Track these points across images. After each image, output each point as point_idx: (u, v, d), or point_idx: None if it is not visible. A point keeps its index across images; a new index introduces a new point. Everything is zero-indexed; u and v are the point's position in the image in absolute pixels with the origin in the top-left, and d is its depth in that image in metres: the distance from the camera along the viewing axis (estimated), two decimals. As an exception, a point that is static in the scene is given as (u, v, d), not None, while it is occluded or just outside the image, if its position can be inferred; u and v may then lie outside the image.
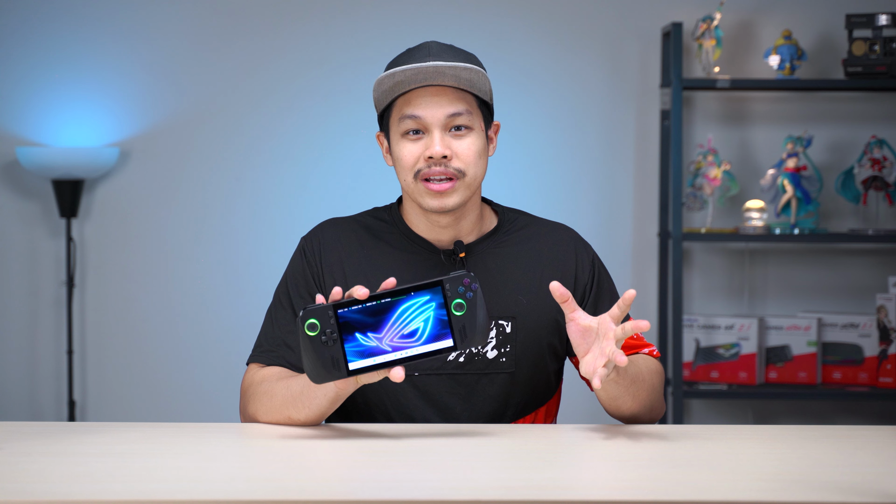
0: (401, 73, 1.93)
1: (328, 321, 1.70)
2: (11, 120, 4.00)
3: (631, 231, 4.02)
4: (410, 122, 1.95)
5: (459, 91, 1.96)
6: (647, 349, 2.03)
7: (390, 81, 1.95)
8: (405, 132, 1.97)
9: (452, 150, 1.95)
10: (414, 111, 1.95)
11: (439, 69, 1.92)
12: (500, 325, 2.01)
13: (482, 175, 2.00)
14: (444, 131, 1.95)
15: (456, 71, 1.93)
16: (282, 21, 4.00)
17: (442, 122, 1.95)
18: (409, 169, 1.97)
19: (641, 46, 3.99)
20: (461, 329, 1.72)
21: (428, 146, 1.95)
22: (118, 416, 4.00)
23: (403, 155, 1.97)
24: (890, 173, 3.81)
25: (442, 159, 1.94)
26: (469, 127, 1.96)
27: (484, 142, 1.99)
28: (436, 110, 1.94)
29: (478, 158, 1.97)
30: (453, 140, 1.96)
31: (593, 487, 1.52)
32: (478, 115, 1.98)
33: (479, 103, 1.99)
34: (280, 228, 3.99)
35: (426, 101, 1.95)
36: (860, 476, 1.58)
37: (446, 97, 1.95)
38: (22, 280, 4.04)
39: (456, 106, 1.95)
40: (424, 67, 1.92)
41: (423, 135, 1.96)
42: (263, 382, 1.93)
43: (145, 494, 1.45)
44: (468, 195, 1.98)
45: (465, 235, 2.04)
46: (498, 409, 2.01)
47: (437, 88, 1.95)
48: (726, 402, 4.03)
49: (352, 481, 1.57)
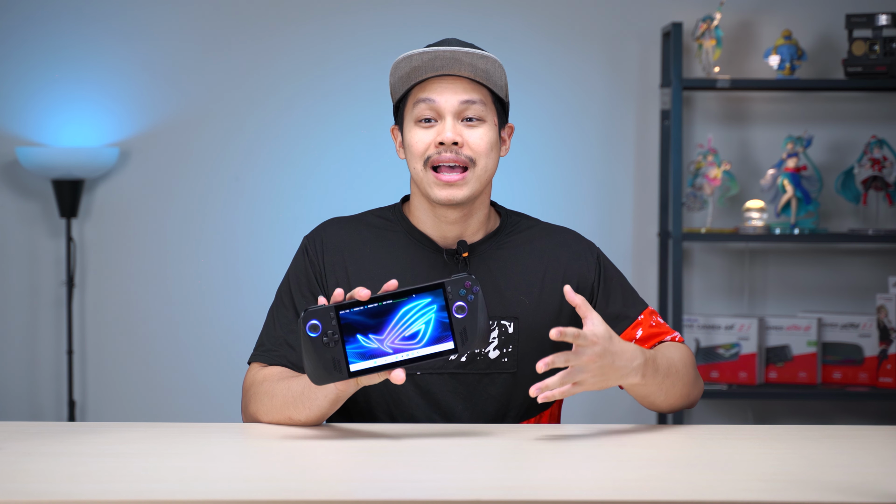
0: (418, 56, 1.94)
1: (329, 322, 1.70)
2: (11, 120, 4.00)
3: (631, 231, 4.02)
4: (424, 106, 1.96)
5: (475, 83, 1.97)
6: (669, 336, 2.02)
7: (407, 66, 1.96)
8: (418, 119, 1.97)
9: (464, 139, 1.96)
10: (429, 95, 1.95)
11: (456, 55, 1.94)
12: (502, 326, 2.01)
13: (493, 169, 1.99)
14: (457, 120, 1.96)
15: (473, 59, 1.95)
16: (282, 21, 4.00)
17: (455, 108, 1.95)
18: (419, 156, 1.97)
19: (641, 46, 3.99)
20: (462, 332, 1.73)
21: (440, 132, 1.96)
22: (118, 416, 4.00)
23: (414, 142, 1.98)
24: (890, 173, 3.81)
25: (453, 146, 1.95)
26: (482, 119, 1.97)
27: (496, 136, 2.00)
28: (450, 96, 1.95)
29: (489, 150, 1.98)
30: (465, 129, 1.96)
31: (593, 487, 1.52)
32: (491, 109, 1.99)
33: (494, 99, 2.00)
34: (280, 228, 3.99)
35: (441, 87, 1.96)
36: (860, 476, 1.58)
37: (461, 85, 1.96)
38: (22, 280, 4.04)
39: (470, 94, 1.96)
40: (442, 52, 1.94)
41: (436, 123, 1.97)
42: (264, 382, 1.93)
43: (145, 494, 1.45)
44: (478, 189, 1.98)
45: (470, 235, 2.04)
46: (500, 409, 2.01)
47: (453, 78, 1.96)
48: (726, 402, 4.03)
49: (352, 481, 1.57)
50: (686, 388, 1.94)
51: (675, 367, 1.92)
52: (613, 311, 2.04)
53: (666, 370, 1.89)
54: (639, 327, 2.03)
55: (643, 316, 2.04)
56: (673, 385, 1.91)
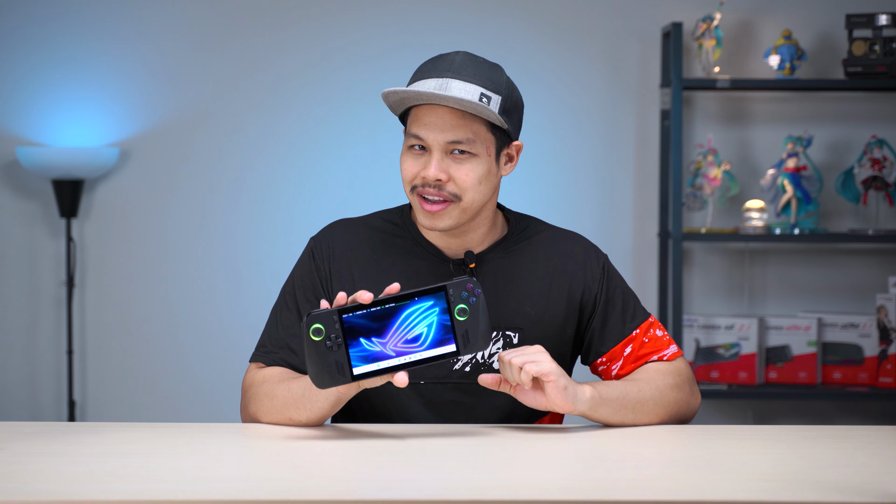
0: (402, 92, 1.92)
1: (333, 326, 1.70)
2: (11, 120, 4.00)
3: (631, 231, 4.02)
4: (414, 139, 1.95)
5: (467, 115, 1.93)
6: (657, 356, 2.02)
7: (395, 97, 1.94)
8: (410, 146, 1.96)
9: (450, 174, 1.94)
10: (418, 131, 1.94)
11: (440, 96, 1.89)
12: (507, 336, 2.01)
13: (484, 199, 1.97)
14: (446, 154, 1.94)
15: (462, 94, 1.90)
16: (282, 21, 4.00)
17: (442, 145, 1.93)
18: (407, 182, 1.97)
19: (641, 46, 3.99)
20: (464, 334, 1.73)
21: (426, 165, 1.94)
22: (118, 416, 4.00)
23: (404, 168, 1.97)
24: (890, 173, 3.80)
25: (437, 181, 1.94)
26: (471, 153, 1.94)
27: (488, 167, 1.95)
28: (437, 134, 1.93)
29: (477, 184, 1.94)
30: (453, 163, 1.94)
31: (593, 487, 1.52)
32: (484, 139, 1.94)
33: (489, 127, 1.95)
34: (280, 228, 3.99)
35: (431, 122, 1.93)
36: (860, 476, 1.58)
37: (450, 120, 1.92)
38: (22, 280, 4.04)
39: (457, 133, 1.92)
40: (426, 94, 1.90)
41: (426, 153, 1.95)
42: (264, 383, 1.93)
43: (145, 494, 1.45)
44: (464, 219, 1.96)
45: (475, 245, 2.03)
46: (503, 419, 2.00)
47: (444, 109, 1.93)
48: (726, 402, 4.03)
49: (352, 481, 1.57)
50: (664, 410, 1.94)
51: (630, 399, 1.91)
52: (609, 326, 2.04)
53: (634, 402, 1.91)
54: (629, 344, 2.03)
55: (638, 331, 2.04)
56: (642, 413, 1.91)
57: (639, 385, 1.93)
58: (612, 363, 2.03)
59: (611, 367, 2.03)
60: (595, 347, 2.04)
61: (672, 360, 2.02)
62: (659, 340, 2.03)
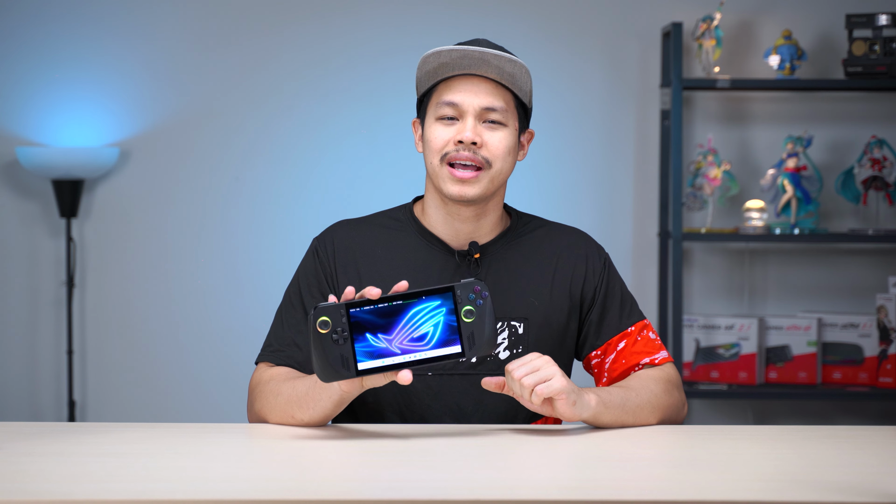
0: (447, 53, 1.96)
1: (340, 320, 1.71)
2: (11, 120, 4.00)
3: (631, 231, 4.02)
4: (447, 108, 1.98)
5: (500, 87, 1.98)
6: (648, 359, 2.03)
7: (435, 61, 1.97)
8: (440, 117, 1.99)
9: (483, 140, 1.97)
10: (452, 97, 1.97)
11: (485, 57, 1.95)
12: (512, 326, 2.02)
13: (507, 172, 2.01)
14: (479, 121, 1.98)
15: (500, 62, 1.96)
16: (282, 21, 4.00)
17: (477, 111, 1.97)
18: (437, 151, 1.99)
19: (641, 46, 3.99)
20: (469, 336, 1.73)
21: (460, 131, 1.97)
22: (118, 416, 4.00)
23: (434, 137, 1.99)
24: (890, 173, 3.80)
25: (472, 145, 1.96)
26: (503, 123, 1.99)
27: (515, 141, 2.02)
28: (473, 98, 1.97)
29: (506, 154, 1.99)
30: (485, 130, 1.98)
31: (593, 487, 1.52)
32: (513, 114, 2.00)
33: (517, 104, 2.01)
34: (280, 228, 3.99)
35: (466, 87, 1.97)
36: (860, 476, 1.58)
37: (485, 89, 1.97)
38: (22, 280, 4.04)
39: (493, 100, 1.98)
40: (471, 52, 1.95)
41: (457, 122, 1.98)
42: (270, 382, 1.94)
43: (145, 494, 1.45)
44: (491, 189, 1.99)
45: (482, 236, 2.05)
46: (510, 409, 2.00)
47: (478, 79, 1.97)
48: (726, 402, 4.03)
49: (352, 481, 1.57)
50: (658, 415, 1.95)
51: (630, 405, 1.92)
52: (606, 320, 2.06)
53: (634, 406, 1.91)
54: (624, 339, 2.05)
55: (634, 328, 2.06)
56: (637, 416, 1.92)
57: (636, 391, 1.94)
58: (606, 356, 2.05)
59: (605, 360, 2.05)
60: (591, 340, 2.06)
61: (663, 366, 2.04)
62: (651, 343, 2.06)
